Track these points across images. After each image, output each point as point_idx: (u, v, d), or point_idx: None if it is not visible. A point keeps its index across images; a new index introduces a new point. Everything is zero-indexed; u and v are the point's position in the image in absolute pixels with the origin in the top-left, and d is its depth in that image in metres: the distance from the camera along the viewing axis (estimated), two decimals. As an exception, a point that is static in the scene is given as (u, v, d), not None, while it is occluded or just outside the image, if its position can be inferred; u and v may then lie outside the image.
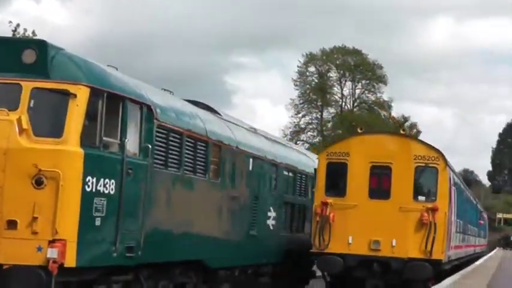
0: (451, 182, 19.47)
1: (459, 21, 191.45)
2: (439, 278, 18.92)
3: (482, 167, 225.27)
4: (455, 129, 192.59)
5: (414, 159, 18.07)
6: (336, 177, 18.42)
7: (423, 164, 18.12)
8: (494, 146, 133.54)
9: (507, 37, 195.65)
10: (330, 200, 17.93)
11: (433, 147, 18.75)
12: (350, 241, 17.66)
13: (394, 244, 17.48)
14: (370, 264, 17.54)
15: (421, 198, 18.02)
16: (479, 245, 38.71)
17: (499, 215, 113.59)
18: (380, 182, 18.10)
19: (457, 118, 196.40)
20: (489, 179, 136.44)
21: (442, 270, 19.31)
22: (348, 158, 18.25)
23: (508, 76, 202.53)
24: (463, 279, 19.20)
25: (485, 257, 39.47)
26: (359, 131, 19.66)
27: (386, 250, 17.50)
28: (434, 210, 17.54)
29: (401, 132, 20.45)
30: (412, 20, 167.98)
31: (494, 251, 58.64)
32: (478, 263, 30.49)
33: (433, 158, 18.17)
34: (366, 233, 17.61)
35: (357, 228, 17.69)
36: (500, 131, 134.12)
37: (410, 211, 17.64)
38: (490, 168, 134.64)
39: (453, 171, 21.75)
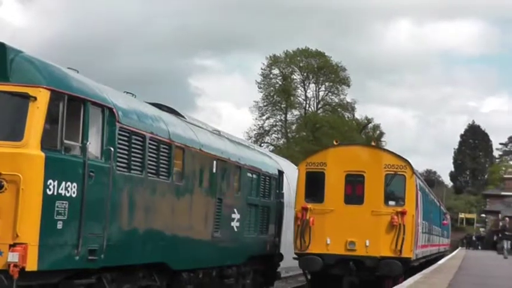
0: (417, 187, 21.25)
1: (420, 23, 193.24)
2: (408, 275, 20.29)
3: (444, 168, 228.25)
4: (417, 130, 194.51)
5: (384, 168, 19.91)
6: (315, 185, 20.19)
7: (392, 172, 19.94)
8: (456, 147, 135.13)
9: (467, 39, 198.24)
10: (309, 205, 19.86)
11: (401, 157, 20.66)
12: (328, 242, 19.43)
13: (367, 244, 19.27)
14: (347, 262, 19.28)
15: (391, 203, 19.83)
16: (443, 245, 41.13)
17: (461, 215, 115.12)
18: (354, 189, 19.92)
19: (419, 119, 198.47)
20: (451, 180, 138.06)
21: (410, 267, 21.02)
22: (325, 168, 20.13)
23: (468, 77, 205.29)
24: (425, 278, 19.41)
25: (448, 256, 39.94)
26: (335, 143, 21.80)
27: (360, 250, 19.29)
28: (403, 213, 19.37)
29: (373, 144, 23.00)
30: (374, 22, 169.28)
31: (457, 250, 59.31)
32: (441, 262, 30.88)
33: (401, 167, 20.04)
34: (342, 235, 19.39)
35: (334, 230, 19.47)
36: (462, 132, 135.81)
37: (382, 215, 19.46)
38: (452, 169, 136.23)
39: (419, 177, 23.69)
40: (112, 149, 11.15)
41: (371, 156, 20.52)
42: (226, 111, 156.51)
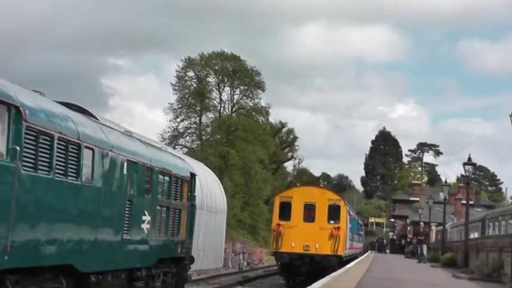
0: (347, 212, 33.68)
1: (332, 28, 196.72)
2: (341, 266, 30.19)
3: (356, 173, 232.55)
4: (329, 135, 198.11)
5: (328, 200, 31.78)
6: (285, 210, 31.63)
7: (332, 203, 31.73)
8: (368, 152, 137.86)
9: (378, 45, 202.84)
10: (281, 222, 31.33)
11: (338, 194, 35.46)
12: (293, 245, 30.81)
13: (317, 247, 30.65)
14: (304, 257, 30.59)
15: (332, 222, 31.25)
16: (359, 248, 55.29)
17: (371, 219, 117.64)
18: (309, 213, 31.31)
19: (330, 123, 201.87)
20: (362, 185, 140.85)
21: (342, 261, 32.23)
22: (292, 199, 31.78)
23: (378, 83, 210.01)
24: (334, 281, 19.76)
25: (357, 260, 40.95)
26: (298, 185, 37.37)
27: (312, 250, 30.65)
28: (338, 228, 30.98)
29: (321, 186, 40.21)
30: (287, 26, 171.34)
31: (367, 254, 60.56)
32: (350, 265, 31.63)
33: (337, 200, 32.16)
34: (302, 241, 30.73)
35: (297, 238, 30.76)
36: (373, 138, 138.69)
37: (326, 229, 30.96)
38: (364, 174, 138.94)
39: (348, 205, 35.52)
40: (18, 148, 10.89)
41: (320, 193, 32.69)
42: (139, 112, 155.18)
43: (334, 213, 31.43)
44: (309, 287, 17.67)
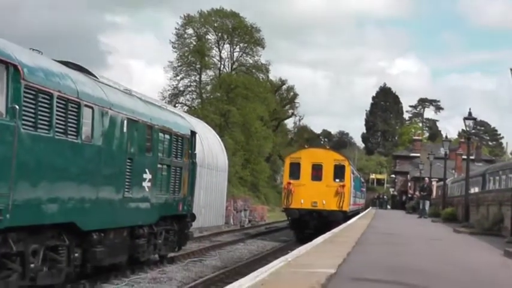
0: (351, 171, 36.93)
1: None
2: (345, 220, 32.20)
3: (357, 129, 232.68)
4: (330, 91, 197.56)
5: (334, 161, 34.55)
6: (294, 170, 34.39)
7: (338, 163, 34.48)
8: (368, 108, 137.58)
9: (379, 1, 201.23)
10: (291, 181, 34.11)
11: (343, 154, 38.97)
12: (302, 202, 33.59)
13: (324, 203, 33.48)
14: (312, 213, 33.42)
15: (337, 180, 34.07)
16: (362, 204, 58.70)
17: (372, 176, 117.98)
18: (317, 172, 34.13)
19: (330, 80, 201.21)
20: (363, 141, 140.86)
21: (347, 216, 34.39)
22: (300, 160, 34.53)
23: (379, 39, 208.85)
24: (335, 237, 19.87)
25: (359, 215, 41.27)
26: (306, 147, 40.16)
27: (320, 206, 33.44)
28: (343, 186, 33.88)
29: (327, 147, 42.64)
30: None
31: (368, 210, 60.86)
32: (351, 221, 31.84)
33: (342, 160, 35.03)
34: (310, 198, 33.58)
35: (305, 195, 33.59)
36: (374, 95, 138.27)
37: (332, 186, 33.82)
38: (364, 131, 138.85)
39: (351, 165, 38.73)
40: (17, 107, 10.88)
41: (326, 154, 35.60)
42: (138, 69, 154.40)
43: (339, 172, 34.32)
44: (316, 238, 17.95)
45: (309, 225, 33.45)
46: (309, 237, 24.75)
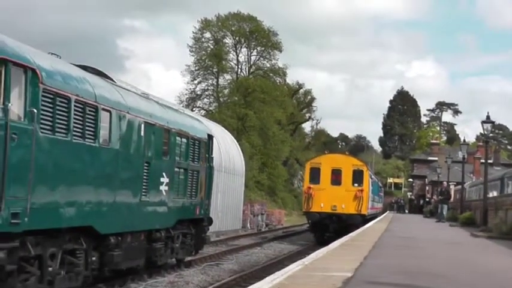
0: (370, 176, 38.11)
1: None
2: (364, 223, 33.40)
3: (374, 133, 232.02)
4: (347, 95, 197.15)
5: (352, 166, 35.47)
6: (315, 174, 35.44)
7: (356, 168, 35.43)
8: (386, 112, 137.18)
9: (396, 3, 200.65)
10: (311, 185, 35.10)
11: (361, 160, 40.56)
12: (322, 206, 34.45)
13: (343, 207, 34.31)
14: (331, 216, 34.27)
15: (356, 185, 34.96)
16: (379, 208, 58.53)
17: (390, 180, 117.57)
18: (336, 177, 35.07)
19: (348, 83, 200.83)
20: (380, 145, 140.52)
21: (365, 219, 35.51)
22: (320, 165, 35.57)
23: (396, 41, 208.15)
24: (352, 241, 19.85)
25: (377, 219, 41.28)
26: (326, 152, 40.60)
27: (339, 209, 34.26)
28: (362, 190, 34.81)
29: (346, 153, 42.63)
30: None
31: (385, 214, 60.70)
32: (369, 224, 31.87)
33: (361, 165, 36.07)
34: (329, 202, 34.41)
35: (325, 199, 34.48)
36: (391, 98, 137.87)
37: (351, 191, 34.70)
38: (382, 134, 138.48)
39: (370, 170, 40.15)
40: (35, 110, 10.95)
41: (345, 159, 36.56)
42: (156, 74, 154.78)
43: (358, 177, 35.35)
44: (336, 241, 18.42)
45: (328, 228, 34.60)
46: (328, 240, 25.03)
